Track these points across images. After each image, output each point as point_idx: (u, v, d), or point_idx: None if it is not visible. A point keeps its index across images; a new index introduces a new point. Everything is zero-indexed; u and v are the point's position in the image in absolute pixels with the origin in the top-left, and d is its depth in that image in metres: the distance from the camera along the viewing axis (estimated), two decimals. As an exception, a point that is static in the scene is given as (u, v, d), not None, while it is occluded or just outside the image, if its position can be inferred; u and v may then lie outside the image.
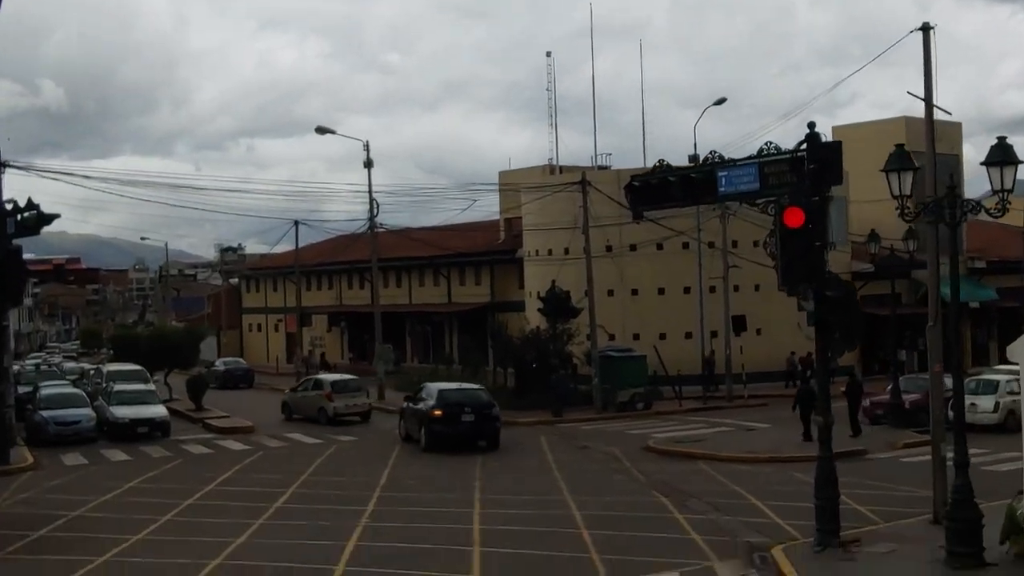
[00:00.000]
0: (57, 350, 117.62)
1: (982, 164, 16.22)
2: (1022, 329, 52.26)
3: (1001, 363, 52.86)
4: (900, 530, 19.36)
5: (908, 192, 17.04)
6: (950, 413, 20.17)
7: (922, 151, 21.10)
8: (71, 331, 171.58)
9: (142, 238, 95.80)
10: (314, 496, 24.34)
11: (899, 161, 17.02)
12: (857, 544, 18.06)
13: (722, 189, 19.32)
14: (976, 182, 66.62)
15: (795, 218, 17.91)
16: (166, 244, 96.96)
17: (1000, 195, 15.95)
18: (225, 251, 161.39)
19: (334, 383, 41.39)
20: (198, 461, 30.99)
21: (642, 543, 18.87)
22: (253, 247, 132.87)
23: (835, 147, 18.08)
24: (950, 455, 20.15)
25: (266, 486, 25.74)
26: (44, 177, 38.29)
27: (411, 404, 34.17)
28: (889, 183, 17.12)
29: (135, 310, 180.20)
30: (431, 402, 32.45)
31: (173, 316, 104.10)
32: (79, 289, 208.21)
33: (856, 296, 18.05)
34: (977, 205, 16.46)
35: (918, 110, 21.37)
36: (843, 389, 34.11)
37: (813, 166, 17.88)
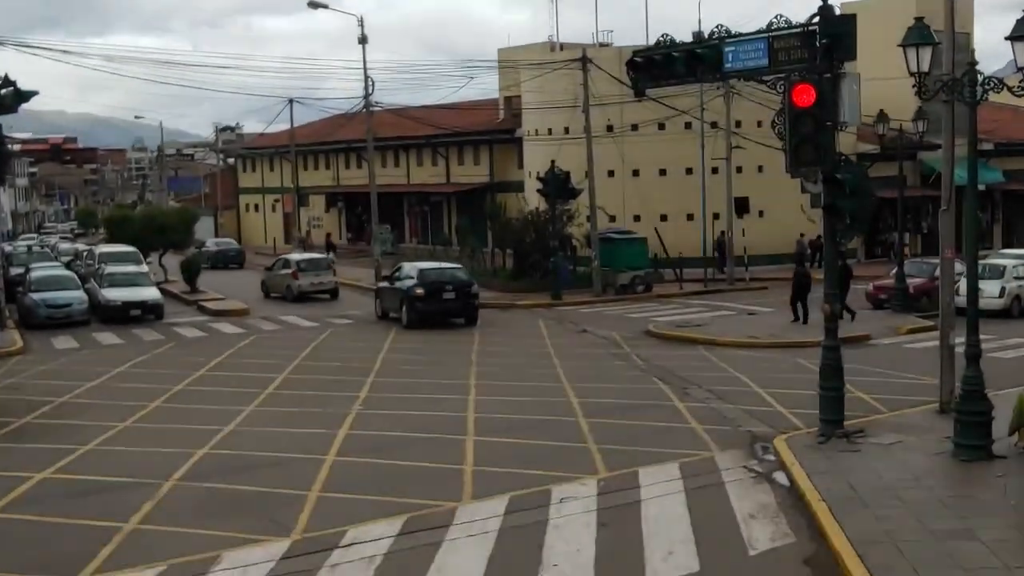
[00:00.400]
0: (54, 230, 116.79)
1: (1007, 39, 15.25)
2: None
3: (1005, 247, 52.57)
4: (905, 420, 18.88)
5: (926, 69, 16.07)
6: (958, 299, 19.62)
7: (936, 28, 20.01)
8: (69, 211, 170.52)
9: (136, 116, 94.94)
10: (307, 381, 23.88)
11: (918, 35, 16.01)
12: (861, 435, 17.58)
13: (728, 65, 18.37)
14: (986, 62, 65.03)
15: (805, 96, 17.01)
16: (161, 123, 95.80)
17: (1024, 72, 15.01)
18: (223, 131, 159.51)
19: (299, 262, 43.42)
20: (191, 345, 30.52)
21: (641, 432, 18.42)
22: (253, 127, 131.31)
23: (849, 20, 17.06)
24: (959, 343, 19.68)
25: (259, 371, 25.28)
26: (40, 56, 37.01)
27: (389, 283, 35.00)
28: (907, 59, 16.15)
29: (134, 190, 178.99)
30: (412, 281, 33.12)
31: (171, 196, 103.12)
32: (77, 169, 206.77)
33: (868, 179, 17.23)
34: (999, 83, 15.52)
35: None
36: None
37: (825, 40, 16.94)
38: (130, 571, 11.77)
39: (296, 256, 46.24)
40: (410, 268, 34.58)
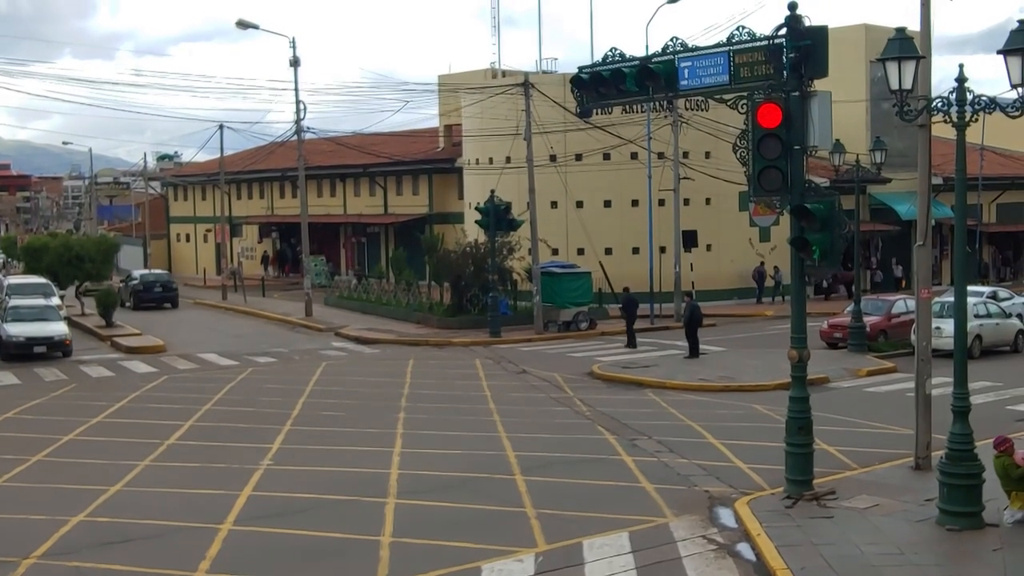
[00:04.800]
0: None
1: (999, 52, 13.46)
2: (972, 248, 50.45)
3: (952, 283, 51.45)
4: (879, 478, 16.96)
5: (909, 86, 14.24)
6: (915, 339, 17.75)
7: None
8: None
9: (64, 143, 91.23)
10: (215, 430, 21.47)
11: (900, 48, 14.18)
12: (833, 496, 15.63)
13: (684, 82, 16.52)
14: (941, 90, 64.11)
15: (771, 116, 15.18)
16: (90, 150, 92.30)
17: (1020, 89, 13.22)
18: (161, 159, 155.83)
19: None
20: (94, 386, 27.88)
21: (585, 493, 16.29)
22: (194, 155, 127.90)
23: (820, 32, 15.22)
24: (934, 391, 17.84)
25: (164, 417, 22.83)
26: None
27: (126, 284, 53.20)
28: (887, 76, 14.30)
29: (70, 218, 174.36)
30: (136, 281, 52.59)
31: (103, 225, 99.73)
32: (9, 196, 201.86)
33: (840, 210, 15.36)
34: (991, 102, 13.71)
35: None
36: (619, 305, 36.47)
37: (793, 55, 15.11)
38: None
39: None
40: (136, 273, 54.31)
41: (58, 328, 33.73)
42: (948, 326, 31.38)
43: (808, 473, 15.78)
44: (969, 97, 13.86)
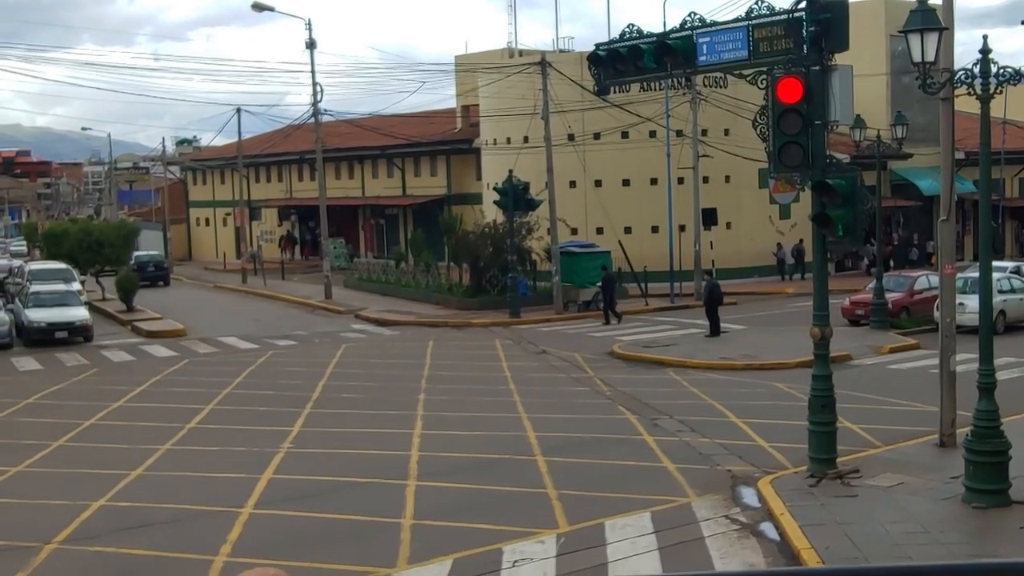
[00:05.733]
0: (3, 246, 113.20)
1: (1023, 23, 13.20)
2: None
3: (974, 259, 50.98)
4: (903, 456, 16.79)
5: (932, 58, 14.01)
6: (938, 315, 17.55)
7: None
8: (20, 226, 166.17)
9: (84, 128, 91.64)
10: (236, 414, 21.47)
11: (922, 20, 13.95)
12: (857, 475, 15.48)
13: (703, 57, 16.32)
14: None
15: (791, 91, 15.00)
16: (109, 135, 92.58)
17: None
18: (180, 143, 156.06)
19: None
20: (115, 370, 27.95)
21: (607, 474, 16.21)
22: (211, 139, 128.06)
23: (840, 5, 15.02)
24: (958, 368, 17.65)
25: (184, 401, 22.84)
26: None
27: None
28: (909, 48, 14.07)
29: (91, 204, 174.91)
30: (131, 262, 49.57)
31: (123, 210, 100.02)
32: (30, 182, 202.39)
33: (862, 186, 15.15)
34: (1016, 74, 13.47)
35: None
36: (599, 284, 37.39)
37: (813, 28, 14.91)
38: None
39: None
40: (131, 255, 50.14)
41: (79, 313, 33.80)
42: (971, 302, 31.16)
43: (832, 452, 15.64)
44: (993, 69, 13.62)
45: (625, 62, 17.01)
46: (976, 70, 13.69)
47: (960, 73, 13.87)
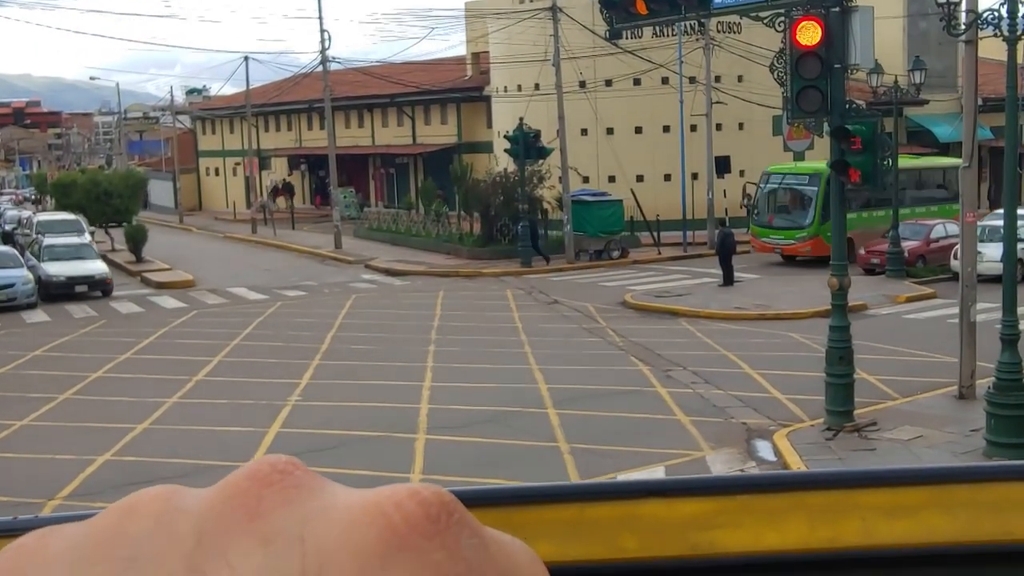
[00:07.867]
0: (13, 196, 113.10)
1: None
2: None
3: (991, 207, 50.35)
4: (921, 408, 16.50)
5: (957, -2, 13.53)
6: (956, 263, 17.18)
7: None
8: (31, 177, 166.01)
9: (92, 78, 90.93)
10: (243, 366, 21.25)
11: (947, -42, 13.46)
12: (874, 427, 15.23)
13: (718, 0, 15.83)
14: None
15: (810, 34, 14.49)
16: (117, 84, 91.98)
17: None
18: (190, 93, 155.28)
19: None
20: (123, 322, 27.75)
21: (619, 427, 15.95)
22: (220, 88, 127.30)
23: (862, -56, 14.50)
24: (978, 318, 17.30)
25: (192, 353, 22.62)
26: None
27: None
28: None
29: (101, 154, 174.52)
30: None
31: (134, 160, 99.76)
32: (40, 133, 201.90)
33: (883, 131, 14.73)
34: (1044, 14, 12.98)
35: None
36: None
37: (834, -32, 14.40)
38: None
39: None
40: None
41: (98, 267, 33.15)
42: (990, 250, 30.70)
43: (849, 404, 15.35)
44: (1021, 10, 13.15)
45: (637, 3, 16.51)
46: (1003, 11, 13.21)
47: (987, 13, 13.38)
